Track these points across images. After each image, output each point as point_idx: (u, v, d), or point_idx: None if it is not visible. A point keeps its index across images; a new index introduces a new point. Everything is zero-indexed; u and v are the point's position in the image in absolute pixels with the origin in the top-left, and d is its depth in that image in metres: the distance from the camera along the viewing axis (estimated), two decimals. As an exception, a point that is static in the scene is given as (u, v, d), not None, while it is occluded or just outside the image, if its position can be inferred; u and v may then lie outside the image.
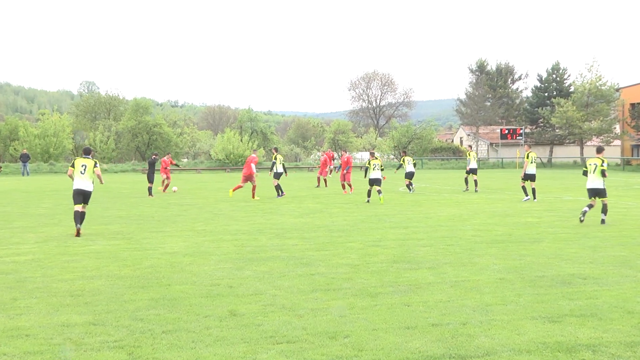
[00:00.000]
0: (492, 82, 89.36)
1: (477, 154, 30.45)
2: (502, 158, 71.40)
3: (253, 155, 26.61)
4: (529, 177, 24.09)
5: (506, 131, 74.59)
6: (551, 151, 76.64)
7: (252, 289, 9.28)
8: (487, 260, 11.36)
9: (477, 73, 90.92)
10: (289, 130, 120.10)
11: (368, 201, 24.19)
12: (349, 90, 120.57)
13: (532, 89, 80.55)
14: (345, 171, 29.94)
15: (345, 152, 30.62)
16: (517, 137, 73.74)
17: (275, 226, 16.67)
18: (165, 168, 31.15)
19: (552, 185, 33.99)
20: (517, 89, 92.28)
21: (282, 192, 27.14)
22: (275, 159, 27.62)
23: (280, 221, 17.87)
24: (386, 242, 13.59)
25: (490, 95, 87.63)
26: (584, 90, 67.97)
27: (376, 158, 24.79)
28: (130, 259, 11.71)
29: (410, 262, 11.27)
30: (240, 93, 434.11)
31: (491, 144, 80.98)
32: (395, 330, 7.23)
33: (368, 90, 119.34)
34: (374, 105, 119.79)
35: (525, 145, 25.39)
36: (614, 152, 75.66)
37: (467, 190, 29.85)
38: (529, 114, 78.80)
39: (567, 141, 74.83)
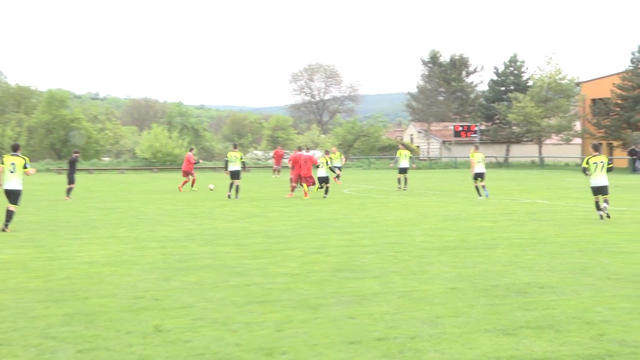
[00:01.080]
0: (446, 74, 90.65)
1: (409, 152, 32.35)
2: (455, 157, 72.48)
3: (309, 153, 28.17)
4: (479, 176, 27.00)
5: (460, 128, 75.77)
6: (508, 150, 78.19)
7: (180, 301, 9.18)
8: (437, 268, 11.51)
9: (429, 65, 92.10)
10: (224, 126, 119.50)
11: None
12: (290, 82, 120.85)
13: (488, 83, 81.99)
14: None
15: (308, 151, 30.56)
16: (472, 135, 74.97)
17: (207, 232, 16.56)
18: (191, 163, 32.77)
19: (508, 187, 34.71)
20: (472, 82, 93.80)
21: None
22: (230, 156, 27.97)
23: (213, 226, 17.76)
24: (329, 249, 13.63)
25: (443, 89, 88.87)
26: (543, 84, 69.56)
27: (330, 156, 26.66)
28: (42, 270, 11.45)
29: (354, 270, 11.33)
30: (170, 85, 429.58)
31: (444, 142, 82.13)
32: (337, 345, 7.26)
33: (311, 82, 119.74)
34: (318, 99, 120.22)
35: (473, 147, 28.45)
36: (573, 150, 77.69)
37: (400, 189, 31.91)
38: (485, 110, 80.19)
39: (525, 139, 76.43)
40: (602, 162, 18.93)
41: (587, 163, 19.06)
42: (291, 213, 21.44)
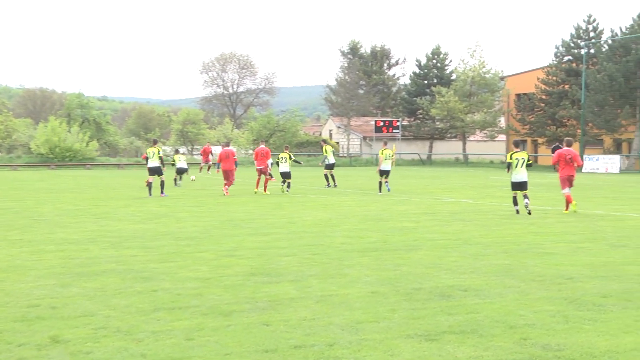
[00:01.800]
0: (366, 67, 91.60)
1: (332, 148, 33.80)
2: (376, 154, 73.27)
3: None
4: (384, 173, 29.52)
5: (381, 123, 76.67)
6: (431, 146, 79.65)
7: (81, 309, 8.99)
8: (358, 271, 11.62)
9: (349, 56, 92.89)
10: (129, 119, 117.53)
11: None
12: (201, 73, 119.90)
13: (410, 76, 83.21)
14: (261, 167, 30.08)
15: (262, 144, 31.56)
16: (394, 130, 75.97)
17: (111, 234, 16.27)
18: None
19: (431, 185, 35.33)
20: (394, 75, 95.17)
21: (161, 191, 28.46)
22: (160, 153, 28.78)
23: (117, 228, 17.46)
24: (243, 252, 13.58)
25: (363, 82, 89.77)
26: (467, 78, 71.08)
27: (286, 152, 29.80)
28: None
29: (270, 274, 11.33)
30: (68, 74, 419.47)
31: (364, 137, 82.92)
32: (251, 354, 7.24)
33: (224, 73, 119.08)
34: (231, 91, 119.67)
35: (382, 143, 31.55)
36: (498, 147, 79.76)
37: (328, 186, 33.30)
38: (407, 104, 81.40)
39: (449, 135, 78.04)
40: (523, 158, 20.81)
41: (511, 158, 20.85)
42: (202, 213, 21.27)
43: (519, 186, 21.01)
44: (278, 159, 30.50)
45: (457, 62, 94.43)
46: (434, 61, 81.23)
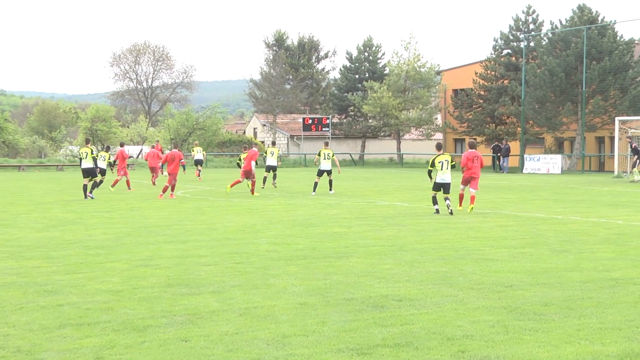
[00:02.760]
0: (294, 59, 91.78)
1: (278, 150, 35.85)
2: (305, 154, 73.49)
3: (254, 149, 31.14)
4: (322, 173, 31.19)
5: (310, 121, 76.90)
6: (363, 146, 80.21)
7: (-24, 328, 8.77)
8: (285, 280, 11.63)
9: (274, 48, 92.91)
10: (30, 116, 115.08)
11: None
12: (112, 65, 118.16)
13: (340, 70, 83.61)
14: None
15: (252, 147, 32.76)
16: (323, 129, 76.28)
17: (10, 243, 15.92)
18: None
19: (364, 188, 35.59)
20: (324, 69, 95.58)
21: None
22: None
23: (18, 236, 17.10)
24: (159, 261, 13.47)
25: (290, 76, 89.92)
26: (401, 72, 71.82)
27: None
28: None
29: (189, 285, 11.26)
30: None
31: (292, 136, 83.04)
32: (169, 373, 7.17)
33: (137, 66, 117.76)
34: (145, 85, 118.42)
35: (324, 143, 33.35)
36: (434, 147, 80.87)
37: (263, 187, 34.36)
38: (338, 100, 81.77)
39: (383, 134, 78.72)
40: (447, 160, 22.72)
41: (433, 165, 22.68)
42: (114, 219, 21.00)
43: (442, 187, 22.67)
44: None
45: (391, 55, 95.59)
46: (366, 54, 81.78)
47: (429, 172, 22.91)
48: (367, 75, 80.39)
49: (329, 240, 16.43)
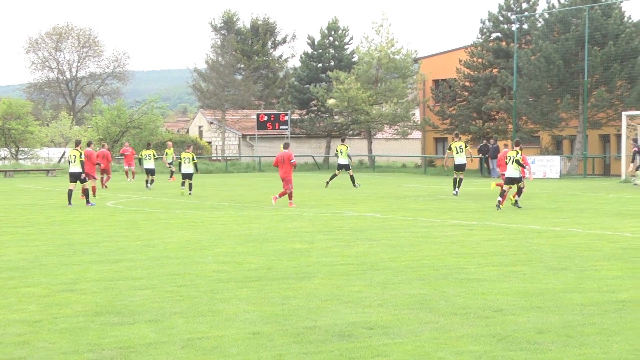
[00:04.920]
0: (246, 45, 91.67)
1: (194, 155, 37.87)
2: (259, 157, 73.39)
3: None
4: (342, 167, 36.94)
5: (265, 118, 76.78)
6: (328, 146, 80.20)
7: None
8: (235, 306, 11.61)
9: (222, 32, 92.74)
10: None
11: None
12: (28, 52, 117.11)
13: (301, 57, 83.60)
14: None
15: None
16: (281, 127, 76.22)
17: None
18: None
19: (329, 196, 35.62)
20: (281, 56, 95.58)
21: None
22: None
23: None
24: (85, 285, 13.38)
25: (242, 65, 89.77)
26: (371, 59, 71.92)
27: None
28: None
29: (121, 313, 11.19)
30: None
31: (244, 136, 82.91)
32: (96, 418, 7.14)
33: (58, 53, 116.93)
34: (68, 76, 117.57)
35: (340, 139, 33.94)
36: (412, 148, 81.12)
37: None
38: (298, 93, 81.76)
39: (351, 132, 78.75)
40: (461, 146, 27.65)
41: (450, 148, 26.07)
42: (32, 235, 20.81)
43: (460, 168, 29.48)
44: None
45: (360, 39, 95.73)
46: (331, 39, 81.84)
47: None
48: (332, 63, 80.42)
49: (287, 258, 16.43)
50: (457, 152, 35.30)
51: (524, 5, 65.95)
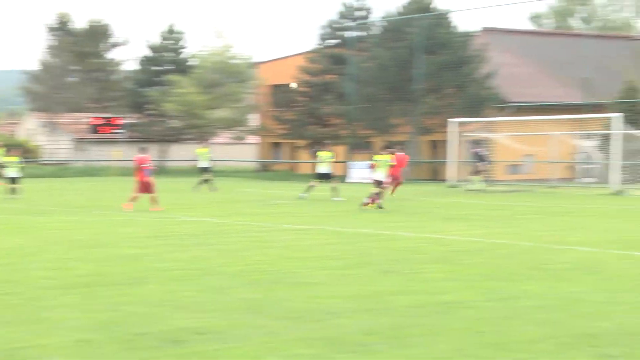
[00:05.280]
0: (80, 47, 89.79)
1: (19, 158, 36.32)
2: (92, 160, 72.06)
3: None
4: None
5: (99, 121, 75.45)
6: (165, 151, 79.44)
7: None
8: (61, 313, 11.35)
9: (57, 33, 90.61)
10: None
11: None
12: None
13: (138, 61, 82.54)
14: None
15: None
16: (115, 131, 75.08)
17: None
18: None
19: (164, 201, 35.16)
20: (116, 59, 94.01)
21: None
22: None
23: None
24: None
25: (76, 68, 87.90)
26: (209, 64, 71.71)
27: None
28: None
29: (-60, 323, 10.80)
30: None
31: (77, 139, 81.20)
32: None
33: None
34: None
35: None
36: (249, 152, 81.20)
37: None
38: (134, 97, 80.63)
39: (188, 137, 78.19)
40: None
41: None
42: None
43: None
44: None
45: (198, 44, 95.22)
46: (169, 42, 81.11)
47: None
48: (169, 67, 79.71)
49: (119, 263, 16.19)
50: (322, 162, 36.44)
51: (361, 13, 67.00)
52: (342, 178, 58.42)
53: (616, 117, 43.68)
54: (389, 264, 16.26)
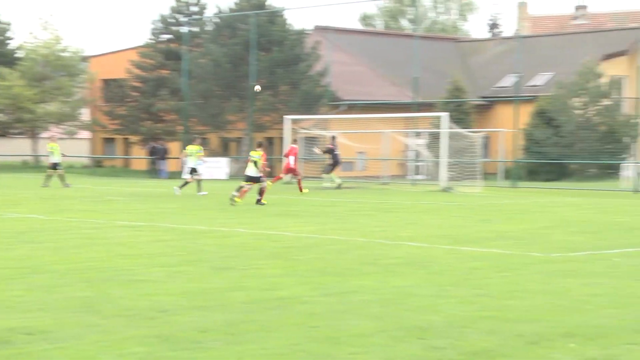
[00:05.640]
0: None
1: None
2: None
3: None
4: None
5: None
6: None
7: None
8: None
9: None
10: None
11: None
12: None
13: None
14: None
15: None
16: None
17: None
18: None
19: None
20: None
21: None
22: None
23: None
24: None
25: None
26: (37, 56, 69.93)
27: None
28: None
29: None
30: None
31: None
32: None
33: None
34: None
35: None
36: (80, 147, 79.53)
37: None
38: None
39: (14, 131, 76.02)
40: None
41: None
42: None
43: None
44: None
45: (25, 35, 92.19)
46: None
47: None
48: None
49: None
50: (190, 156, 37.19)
51: (194, 9, 66.68)
52: (179, 174, 58.01)
53: (444, 116, 44.93)
54: (223, 261, 16.27)
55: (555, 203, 34.77)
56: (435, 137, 47.81)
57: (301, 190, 38.50)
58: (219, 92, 60.49)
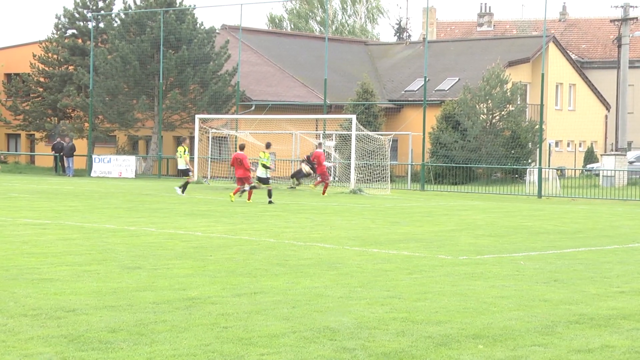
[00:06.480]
0: None
1: None
2: None
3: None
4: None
5: None
6: None
7: None
8: None
9: None
10: None
11: None
12: None
13: None
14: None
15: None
16: None
17: None
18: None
19: None
20: None
21: None
22: None
23: None
24: None
25: None
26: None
27: None
28: None
29: None
30: None
31: None
32: None
33: None
34: None
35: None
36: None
37: None
38: None
39: None
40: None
41: None
42: None
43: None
44: None
45: None
46: None
47: None
48: None
49: None
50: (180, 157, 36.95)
51: (100, 4, 65.81)
52: (87, 172, 57.19)
53: (352, 118, 45.15)
54: (132, 260, 16.11)
55: (462, 206, 35.22)
56: (344, 139, 48.03)
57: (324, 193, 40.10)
58: (127, 90, 59.86)
